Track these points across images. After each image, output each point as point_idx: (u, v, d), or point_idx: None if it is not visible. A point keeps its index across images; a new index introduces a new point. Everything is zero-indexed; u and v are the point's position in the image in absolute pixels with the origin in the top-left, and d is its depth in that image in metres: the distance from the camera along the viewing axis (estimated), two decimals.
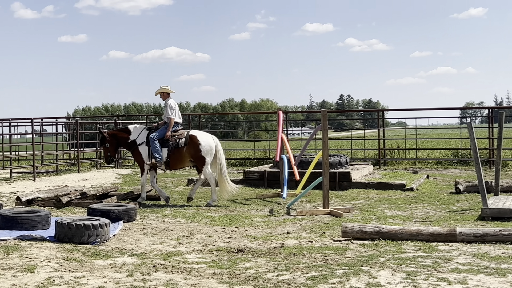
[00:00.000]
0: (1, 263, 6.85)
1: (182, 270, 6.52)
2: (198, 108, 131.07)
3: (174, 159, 12.32)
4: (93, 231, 8.06)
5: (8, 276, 6.22)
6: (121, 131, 12.92)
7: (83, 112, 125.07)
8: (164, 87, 12.89)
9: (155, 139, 12.25)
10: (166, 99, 12.83)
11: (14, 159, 22.74)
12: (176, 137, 12.33)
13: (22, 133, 23.34)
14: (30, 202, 11.81)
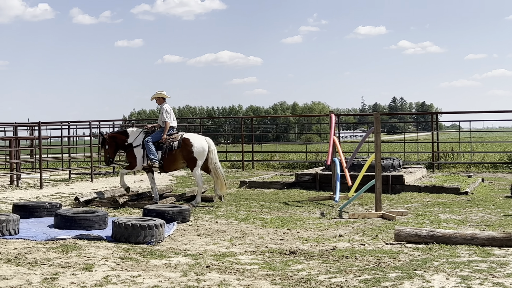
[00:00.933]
0: (60, 261, 7.07)
1: (235, 270, 6.61)
2: (250, 111, 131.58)
3: (167, 161, 12.69)
4: (148, 231, 8.25)
5: (67, 275, 6.43)
6: (120, 134, 13.27)
7: (138, 115, 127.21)
8: (160, 92, 13.17)
9: (150, 142, 12.65)
10: (161, 104, 13.15)
11: (72, 160, 23.37)
12: (170, 140, 12.73)
13: (81, 136, 23.94)
14: (88, 203, 12.13)
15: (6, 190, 15.88)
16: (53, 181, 18.56)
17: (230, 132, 46.36)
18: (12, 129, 21.31)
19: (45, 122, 20.20)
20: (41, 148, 17.39)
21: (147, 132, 13.05)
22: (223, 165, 24.80)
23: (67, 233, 8.75)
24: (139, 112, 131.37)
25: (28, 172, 19.63)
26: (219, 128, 60.89)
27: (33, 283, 6.04)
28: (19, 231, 8.87)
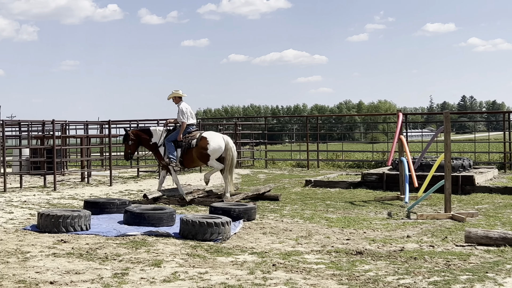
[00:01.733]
0: (130, 257, 7.23)
1: (301, 269, 6.60)
2: (315, 110, 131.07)
3: (187, 159, 13.06)
4: (215, 228, 8.33)
5: (137, 270, 6.56)
6: (144, 132, 13.62)
7: (204, 114, 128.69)
8: (176, 92, 13.46)
9: (170, 141, 13.03)
10: (178, 103, 13.39)
11: (141, 158, 23.83)
12: (189, 139, 13.03)
13: None
14: (156, 200, 12.35)
15: (77, 186, 16.36)
16: (122, 178, 19.01)
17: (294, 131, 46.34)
18: (83, 128, 21.96)
19: (114, 120, 20.70)
20: (110, 146, 17.82)
21: (169, 130, 13.44)
22: (288, 164, 24.93)
23: (136, 230, 8.93)
24: (205, 111, 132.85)
25: (98, 170, 20.14)
26: (283, 127, 60.98)
27: (104, 278, 6.19)
28: (90, 227, 9.12)
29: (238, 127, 25.08)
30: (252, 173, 21.18)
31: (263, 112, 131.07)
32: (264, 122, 28.12)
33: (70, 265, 6.73)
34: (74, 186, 16.37)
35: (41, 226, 8.89)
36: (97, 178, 19.03)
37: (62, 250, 7.56)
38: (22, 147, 18.93)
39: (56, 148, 16.28)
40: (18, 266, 6.68)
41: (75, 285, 5.88)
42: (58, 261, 6.97)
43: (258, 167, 24.32)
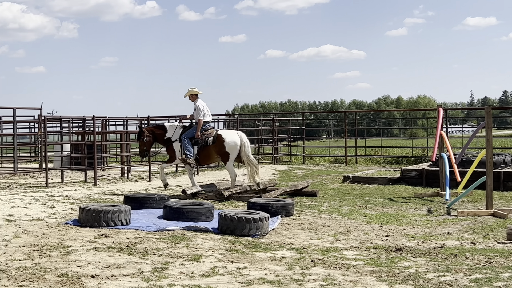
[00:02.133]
0: (169, 252, 7.30)
1: (340, 266, 6.57)
2: (353, 105, 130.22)
3: (203, 156, 13.37)
4: (253, 224, 8.35)
5: (176, 264, 6.62)
6: (158, 128, 13.83)
7: (241, 109, 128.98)
8: (192, 90, 13.66)
9: (186, 138, 13.25)
10: (194, 101, 13.60)
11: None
12: (206, 136, 13.30)
13: None
14: (194, 195, 12.44)
15: (117, 182, 16.57)
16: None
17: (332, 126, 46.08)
18: (122, 123, 22.21)
19: (153, 116, 20.87)
20: None
21: (184, 126, 13.62)
22: (326, 160, 24.84)
23: (176, 225, 9.01)
24: (242, 107, 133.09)
25: (138, 165, 20.36)
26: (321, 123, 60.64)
27: (144, 272, 6.26)
28: (130, 222, 9.23)
29: (276, 123, 25.07)
30: (289, 168, 21.16)
31: (301, 107, 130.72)
32: (302, 117, 28.03)
33: (111, 259, 6.83)
34: (114, 181, 16.59)
35: (83, 220, 9.04)
36: (136, 173, 19.25)
37: (103, 244, 7.67)
38: (63, 142, 19.25)
39: (96, 144, 16.52)
40: (60, 259, 6.81)
41: (116, 279, 5.96)
42: (99, 255, 7.07)
43: (295, 163, 24.30)
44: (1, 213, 10.07)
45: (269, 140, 25.39)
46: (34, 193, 13.04)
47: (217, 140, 13.23)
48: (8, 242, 7.74)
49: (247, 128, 30.87)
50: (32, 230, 8.59)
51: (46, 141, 16.04)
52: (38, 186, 15.08)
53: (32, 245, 7.56)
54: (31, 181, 16.86)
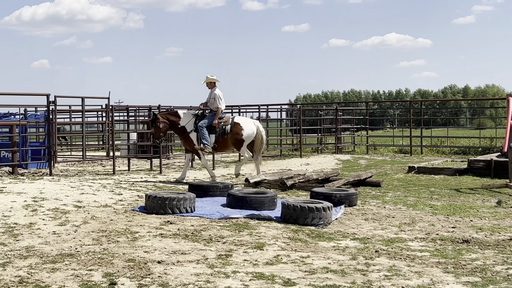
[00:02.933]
0: (233, 239, 7.37)
1: (405, 257, 6.49)
2: (418, 95, 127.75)
3: (220, 144, 13.67)
4: (316, 213, 8.33)
5: (240, 252, 6.69)
6: (172, 115, 13.82)
7: (304, 99, 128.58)
8: (211, 77, 13.74)
9: (204, 127, 13.31)
10: (212, 88, 13.72)
11: None
12: (223, 124, 13.47)
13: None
14: (257, 184, 12.50)
15: (181, 170, 16.82)
16: (224, 162, 19.36)
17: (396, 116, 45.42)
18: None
19: None
20: None
21: (197, 115, 13.67)
22: (390, 150, 24.52)
23: (239, 213, 9.09)
24: (305, 96, 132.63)
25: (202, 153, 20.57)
26: (385, 112, 59.82)
27: (209, 258, 6.35)
28: (195, 209, 9.37)
29: (339, 113, 24.89)
30: (352, 158, 20.99)
31: (364, 97, 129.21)
32: (366, 107, 27.72)
33: (177, 246, 6.96)
34: (178, 170, 16.84)
35: (149, 207, 9.23)
36: (200, 162, 19.46)
37: (168, 231, 7.82)
38: (130, 131, 19.67)
39: None
40: (127, 245, 6.98)
41: (181, 265, 6.07)
42: (165, 241, 7.22)
43: (359, 153, 24.08)
44: (70, 199, 10.39)
45: (332, 129, 25.23)
46: (102, 180, 13.39)
47: (234, 128, 13.51)
48: (78, 228, 7.99)
49: (310, 118, 30.78)
50: (100, 216, 8.83)
51: (114, 129, 16.41)
52: (105, 173, 15.48)
53: (101, 231, 7.78)
54: (99, 168, 17.32)
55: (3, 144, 17.29)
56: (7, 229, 7.78)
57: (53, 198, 10.36)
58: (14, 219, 8.47)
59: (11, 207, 9.39)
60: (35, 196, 10.46)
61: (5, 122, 16.81)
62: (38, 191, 11.04)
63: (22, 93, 16.20)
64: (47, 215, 8.82)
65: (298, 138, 22.92)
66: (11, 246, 6.87)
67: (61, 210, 9.26)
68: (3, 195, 10.47)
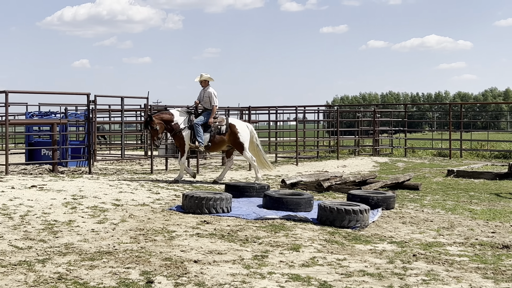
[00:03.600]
0: (269, 240, 7.37)
1: (443, 261, 6.40)
2: (457, 97, 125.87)
3: (214, 144, 13.48)
4: (353, 216, 8.28)
5: (276, 253, 6.68)
6: (166, 114, 13.49)
7: (341, 101, 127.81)
8: (206, 75, 13.59)
9: (199, 125, 13.15)
10: (206, 87, 13.58)
11: (279, 144, 24.19)
12: (218, 124, 13.32)
13: (287, 120, 24.66)
14: (293, 185, 12.48)
15: (218, 170, 16.87)
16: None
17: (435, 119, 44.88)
18: (224, 113, 22.58)
19: (254, 106, 21.08)
20: None
21: (190, 113, 13.50)
22: (428, 153, 24.21)
23: (275, 214, 9.09)
24: (342, 98, 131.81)
25: (238, 154, 20.65)
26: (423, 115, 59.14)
27: (245, 259, 6.36)
28: (231, 209, 9.40)
29: (377, 115, 24.70)
30: (390, 161, 20.80)
31: (402, 99, 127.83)
32: (404, 109, 27.46)
33: (213, 246, 6.99)
34: (215, 170, 16.91)
35: (186, 207, 9.29)
36: (237, 162, 19.52)
37: (205, 231, 7.85)
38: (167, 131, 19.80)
39: None
40: (164, 244, 7.04)
41: (217, 265, 6.09)
42: (201, 241, 7.25)
43: (396, 156, 23.85)
44: (109, 197, 10.53)
45: (369, 132, 25.05)
46: (140, 179, 13.53)
47: (230, 130, 13.42)
48: (116, 226, 8.09)
49: (347, 119, 30.60)
50: (138, 215, 8.93)
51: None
52: (143, 172, 15.63)
53: (138, 229, 7.86)
54: (137, 167, 17.50)
55: (44, 142, 17.61)
56: (47, 226, 7.92)
57: (92, 196, 10.51)
58: (54, 216, 8.62)
59: (51, 204, 9.55)
60: (74, 194, 10.62)
61: (46, 120, 17.10)
62: (78, 189, 11.21)
63: (63, 92, 16.48)
64: (86, 213, 8.95)
65: (335, 140, 22.80)
66: (51, 243, 6.99)
67: (100, 208, 9.38)
68: (43, 193, 10.66)
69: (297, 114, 20.40)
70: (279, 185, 12.77)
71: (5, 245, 6.75)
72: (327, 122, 26.90)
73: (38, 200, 9.84)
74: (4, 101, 13.94)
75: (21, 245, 6.78)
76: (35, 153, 17.08)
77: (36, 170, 15.39)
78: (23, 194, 10.38)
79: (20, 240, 7.08)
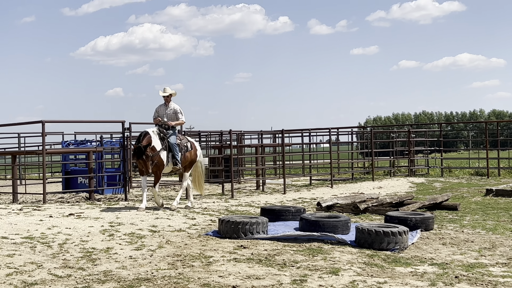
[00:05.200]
0: (307, 264, 7.29)
1: (486, 283, 6.25)
2: (492, 115, 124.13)
3: (184, 162, 12.88)
4: (392, 238, 8.16)
5: (315, 277, 6.60)
6: (146, 138, 12.13)
7: (374, 121, 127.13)
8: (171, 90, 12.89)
9: (175, 145, 12.53)
10: (169, 103, 13.00)
11: (313, 167, 24.09)
12: (185, 141, 12.97)
13: (320, 142, 24.59)
14: (329, 208, 12.38)
15: (253, 194, 16.85)
16: (295, 186, 19.29)
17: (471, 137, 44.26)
18: (257, 137, 22.62)
19: (287, 130, 21.05)
20: (284, 155, 18.14)
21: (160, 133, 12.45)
22: (465, 172, 23.86)
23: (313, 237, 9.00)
24: (375, 119, 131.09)
25: (272, 178, 20.63)
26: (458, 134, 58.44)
27: (283, 283, 6.29)
28: (267, 233, 9.34)
29: (412, 134, 24.45)
30: (427, 181, 20.52)
31: (436, 118, 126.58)
32: (439, 128, 27.12)
33: (251, 270, 6.94)
34: (250, 194, 16.89)
35: (222, 231, 9.27)
36: (271, 186, 19.48)
37: (242, 256, 7.81)
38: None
39: (233, 157, 16.92)
40: (202, 270, 7.01)
41: None
42: (239, 265, 7.21)
43: (433, 176, 23.53)
44: (146, 224, 10.56)
45: (404, 152, 24.80)
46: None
47: (192, 148, 13.06)
48: (153, 252, 8.09)
49: (381, 140, 30.37)
50: (175, 241, 8.93)
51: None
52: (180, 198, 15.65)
53: (176, 255, 7.85)
54: (172, 193, 17.56)
55: (80, 170, 17.82)
56: (85, 254, 7.97)
57: (129, 223, 10.55)
58: (92, 243, 8.67)
59: (89, 232, 9.62)
60: (111, 221, 10.69)
61: (82, 149, 17.33)
62: (115, 216, 11.28)
63: (98, 121, 16.72)
64: (124, 240, 8.98)
65: (369, 161, 22.62)
66: (89, 270, 7.02)
67: (137, 235, 9.41)
68: (81, 220, 10.75)
69: (331, 136, 20.31)
70: (315, 207, 12.68)
71: (45, 274, 6.80)
72: (360, 144, 26.72)
73: (76, 228, 9.92)
74: (41, 130, 14.17)
75: (60, 274, 6.82)
76: (72, 181, 17.28)
77: (73, 198, 15.56)
78: (61, 222, 10.48)
79: (59, 268, 7.12)
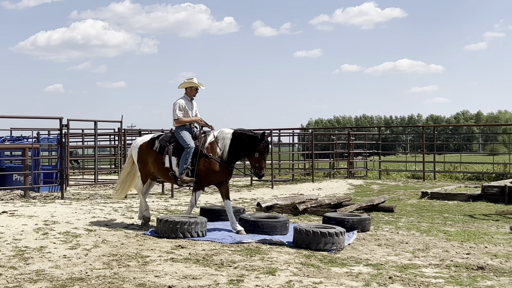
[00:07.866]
0: (245, 264, 7.29)
1: (419, 283, 6.39)
2: (430, 120, 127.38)
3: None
4: (329, 238, 8.24)
5: (251, 277, 6.60)
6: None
7: (315, 124, 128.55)
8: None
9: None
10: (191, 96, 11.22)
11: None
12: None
13: None
14: (269, 208, 12.43)
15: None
16: (236, 186, 19.28)
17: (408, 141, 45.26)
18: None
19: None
20: None
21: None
22: (402, 175, 24.38)
23: (251, 237, 9.01)
24: (316, 121, 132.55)
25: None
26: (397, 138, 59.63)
27: (220, 284, 6.27)
28: (206, 233, 9.30)
29: (351, 137, 24.83)
30: (365, 183, 20.87)
31: (376, 122, 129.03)
32: (378, 132, 27.63)
33: (188, 270, 6.89)
34: (190, 194, 16.79)
35: (160, 231, 9.18)
36: (213, 186, 19.41)
37: (179, 255, 7.75)
38: None
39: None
40: (138, 269, 6.92)
41: None
42: (176, 265, 7.15)
43: (371, 178, 23.95)
44: (82, 223, 10.36)
45: (344, 154, 25.15)
46: (114, 204, 13.36)
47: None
48: (88, 251, 7.94)
49: (322, 142, 30.72)
50: (111, 240, 8.79)
51: (126, 152, 16.42)
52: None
53: (111, 255, 7.73)
54: (111, 192, 17.29)
55: (16, 167, 17.35)
56: (18, 253, 7.75)
57: (65, 222, 10.34)
58: (25, 242, 8.45)
59: (22, 230, 9.37)
60: (46, 220, 10.45)
61: (18, 145, 16.87)
62: (50, 215, 11.03)
63: (35, 117, 16.29)
64: (58, 239, 8.79)
65: (310, 163, 22.85)
66: (21, 269, 6.83)
67: (72, 234, 9.23)
68: (14, 218, 10.46)
69: (272, 137, 20.40)
70: (255, 208, 12.71)
71: None
72: (302, 145, 26.97)
73: (9, 226, 9.65)
74: None
75: None
76: (6, 178, 16.79)
77: (7, 196, 15.13)
78: None
79: None
